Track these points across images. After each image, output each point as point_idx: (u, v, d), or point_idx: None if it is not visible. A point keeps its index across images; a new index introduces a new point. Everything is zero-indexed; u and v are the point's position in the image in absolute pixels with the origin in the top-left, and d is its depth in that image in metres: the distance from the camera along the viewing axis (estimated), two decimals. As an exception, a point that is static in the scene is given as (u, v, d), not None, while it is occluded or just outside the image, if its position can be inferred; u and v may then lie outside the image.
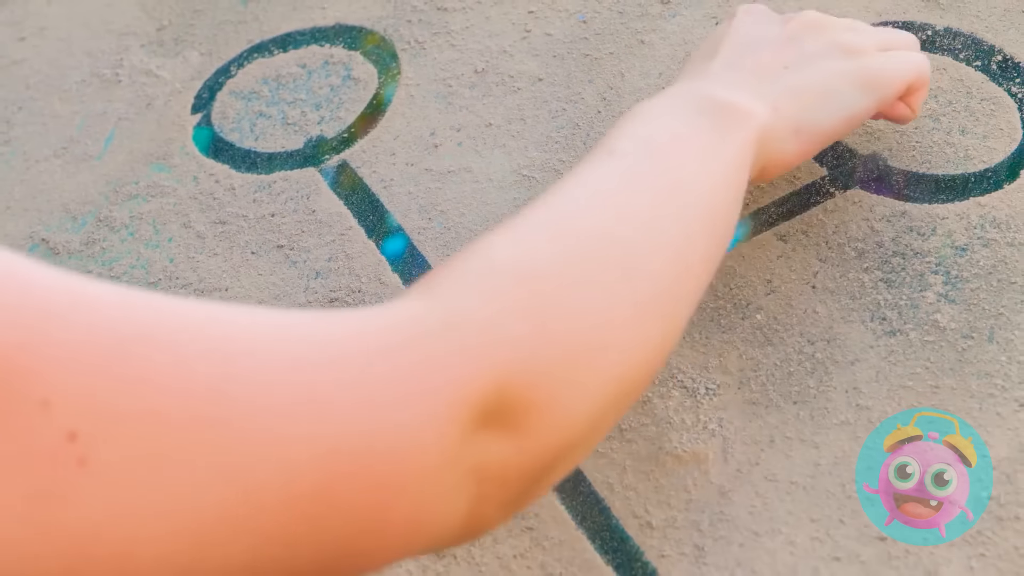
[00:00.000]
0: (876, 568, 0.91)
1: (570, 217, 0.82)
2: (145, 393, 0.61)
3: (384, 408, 0.67)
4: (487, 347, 0.72)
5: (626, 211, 0.83)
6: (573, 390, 0.76)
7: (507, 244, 0.79)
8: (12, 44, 1.44)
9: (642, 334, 0.81)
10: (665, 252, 0.83)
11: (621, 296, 0.79)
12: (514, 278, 0.76)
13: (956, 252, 1.04)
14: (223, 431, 0.63)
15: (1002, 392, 0.97)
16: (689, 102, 0.93)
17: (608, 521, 0.97)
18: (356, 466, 0.66)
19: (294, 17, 1.36)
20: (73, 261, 1.23)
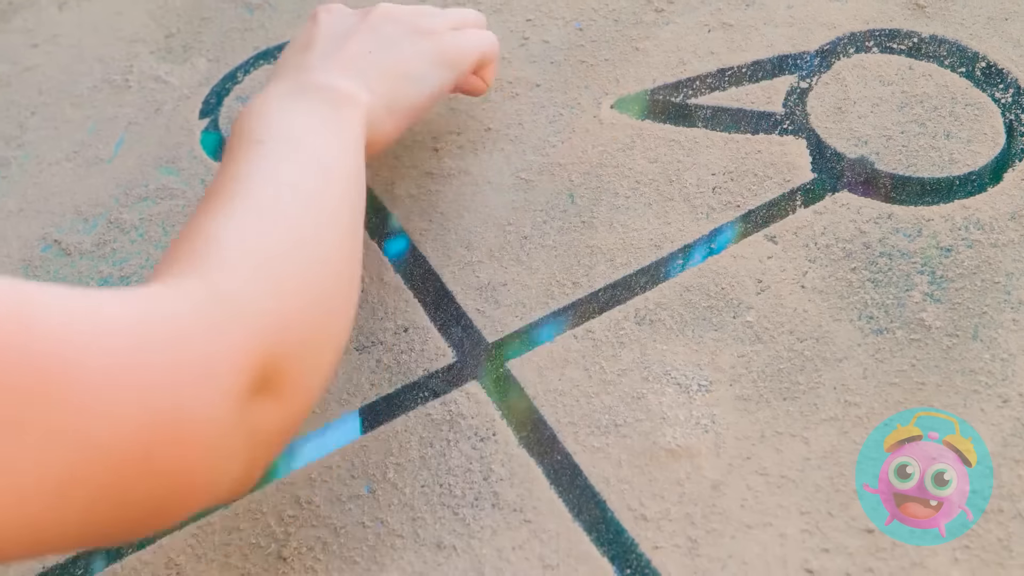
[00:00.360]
0: (864, 559, 0.91)
1: (267, 204, 0.89)
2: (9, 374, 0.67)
3: (187, 376, 0.75)
4: (256, 327, 0.80)
5: (299, 195, 0.91)
6: (314, 356, 0.87)
7: (236, 229, 0.86)
8: (25, 51, 1.44)
9: (348, 300, 0.93)
10: (339, 227, 0.93)
11: (319, 265, 0.89)
12: (259, 260, 0.85)
13: (941, 253, 1.04)
14: (69, 398, 0.69)
15: (986, 388, 0.96)
16: (305, 92, 1.00)
17: (604, 514, 0.97)
18: (170, 430, 0.74)
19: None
20: (85, 262, 1.22)
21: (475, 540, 0.97)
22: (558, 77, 1.24)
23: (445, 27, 1.12)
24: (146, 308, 0.77)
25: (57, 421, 0.68)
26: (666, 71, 1.22)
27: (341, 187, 0.95)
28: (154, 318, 0.76)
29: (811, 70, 1.18)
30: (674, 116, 1.18)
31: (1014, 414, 0.95)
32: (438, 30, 1.11)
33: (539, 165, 1.18)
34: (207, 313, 0.78)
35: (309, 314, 0.86)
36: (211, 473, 0.78)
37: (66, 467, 0.68)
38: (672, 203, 1.12)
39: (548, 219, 1.14)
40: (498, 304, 1.10)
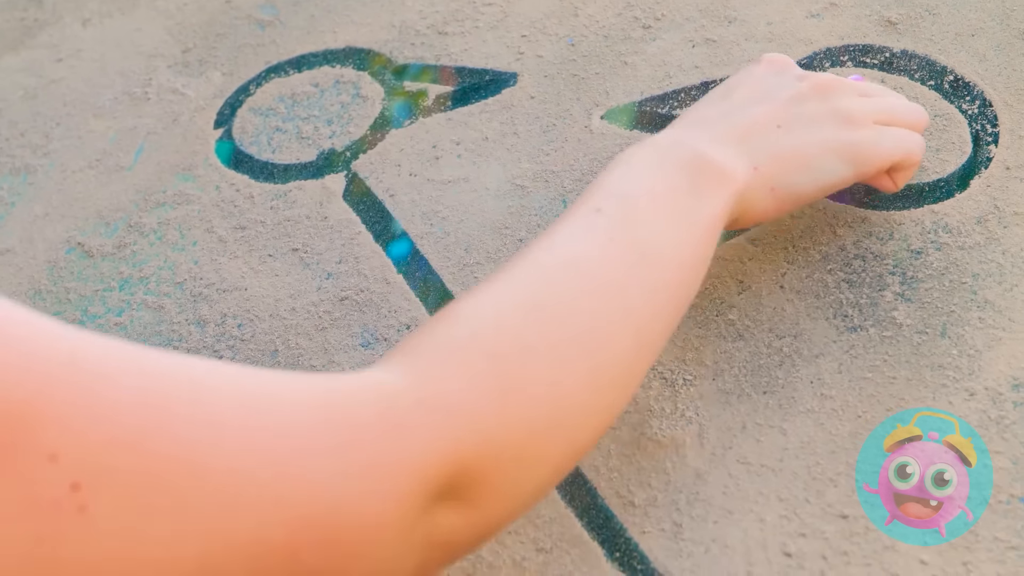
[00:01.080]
0: (838, 543, 0.91)
1: (541, 285, 0.79)
2: (139, 453, 0.61)
3: (352, 479, 0.67)
4: (452, 427, 0.70)
5: (596, 283, 0.80)
6: (526, 468, 0.74)
7: (477, 319, 0.76)
8: (50, 65, 1.44)
9: (595, 408, 0.79)
10: (629, 327, 0.80)
11: (581, 373, 0.77)
12: (484, 354, 0.73)
13: (912, 255, 1.04)
14: (205, 491, 0.62)
15: (954, 383, 0.96)
16: (675, 156, 0.89)
17: (594, 500, 0.97)
18: (322, 532, 0.66)
19: (308, 40, 1.36)
20: (106, 263, 1.22)
21: (473, 525, 0.97)
22: (551, 89, 1.24)
23: (871, 118, 0.98)
24: (326, 400, 0.68)
25: (201, 508, 0.62)
26: (653, 84, 1.21)
27: (660, 280, 0.83)
28: (333, 411, 0.68)
29: (789, 83, 1.18)
30: (661, 126, 1.18)
31: (980, 407, 0.95)
32: (861, 121, 0.97)
33: (533, 172, 1.18)
34: (395, 407, 0.69)
35: (542, 423, 0.74)
36: (371, 574, 0.69)
37: (204, 557, 0.62)
38: (659, 208, 1.12)
39: (542, 223, 1.14)
40: (495, 303, 1.10)
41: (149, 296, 1.18)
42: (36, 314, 0.63)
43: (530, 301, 0.77)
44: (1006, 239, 1.03)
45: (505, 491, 0.73)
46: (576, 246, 0.81)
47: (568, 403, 0.76)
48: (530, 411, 0.74)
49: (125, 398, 0.62)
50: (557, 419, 0.75)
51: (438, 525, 0.71)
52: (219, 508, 0.63)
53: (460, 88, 1.27)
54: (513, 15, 1.31)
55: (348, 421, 0.68)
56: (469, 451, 0.70)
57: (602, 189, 0.86)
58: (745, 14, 1.24)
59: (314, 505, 0.65)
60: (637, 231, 0.83)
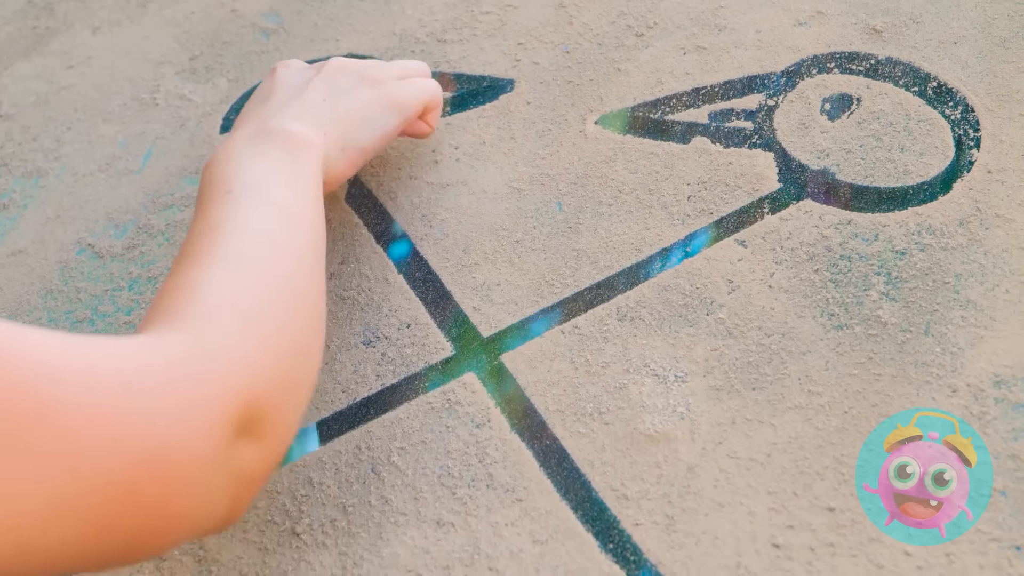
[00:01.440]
0: (825, 535, 0.91)
1: (242, 255, 0.89)
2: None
3: (171, 424, 0.75)
4: (235, 372, 0.81)
5: (266, 242, 0.92)
6: (293, 399, 0.87)
7: (217, 284, 0.86)
8: (62, 72, 1.44)
9: (318, 335, 0.92)
10: (306, 267, 0.93)
11: (301, 308, 0.90)
12: (239, 312, 0.85)
13: (896, 256, 1.04)
14: (52, 433, 0.69)
15: (937, 380, 0.96)
16: (266, 138, 1.01)
17: (589, 494, 0.97)
18: (156, 466, 0.74)
19: (311, 48, 1.36)
20: (116, 264, 1.22)
21: (472, 517, 0.97)
22: (547, 95, 1.24)
23: (392, 77, 1.13)
24: (136, 354, 0.77)
25: (50, 449, 0.68)
26: (645, 90, 1.21)
27: (305, 229, 0.95)
28: (142, 363, 0.77)
29: (778, 89, 1.18)
30: (653, 131, 1.18)
31: (962, 403, 0.95)
32: (385, 80, 1.12)
33: (529, 176, 1.18)
34: (190, 361, 0.79)
35: (286, 356, 0.87)
36: (194, 508, 0.79)
37: (57, 493, 0.69)
38: (651, 210, 1.12)
39: (538, 225, 1.14)
40: (492, 302, 1.10)
41: (157, 296, 1.18)
42: None
43: (245, 270, 0.89)
44: (988, 240, 1.03)
45: (283, 421, 0.85)
46: (239, 222, 0.92)
47: (294, 334, 0.88)
48: (278, 347, 0.86)
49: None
50: (296, 347, 0.88)
51: (242, 459, 0.81)
52: (67, 446, 0.69)
53: (458, 94, 1.27)
54: (510, 23, 1.31)
55: (155, 371, 0.77)
56: (253, 389, 0.81)
57: (226, 178, 0.97)
58: (735, 22, 1.24)
59: (147, 442, 0.74)
60: (274, 198, 0.95)
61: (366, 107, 1.09)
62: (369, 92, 1.10)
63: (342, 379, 1.08)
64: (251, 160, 0.98)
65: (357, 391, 1.07)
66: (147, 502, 0.75)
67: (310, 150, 1.01)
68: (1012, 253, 1.02)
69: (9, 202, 1.31)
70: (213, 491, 0.80)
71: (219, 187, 0.95)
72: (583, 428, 1.00)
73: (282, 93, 1.08)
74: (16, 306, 1.21)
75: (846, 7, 1.22)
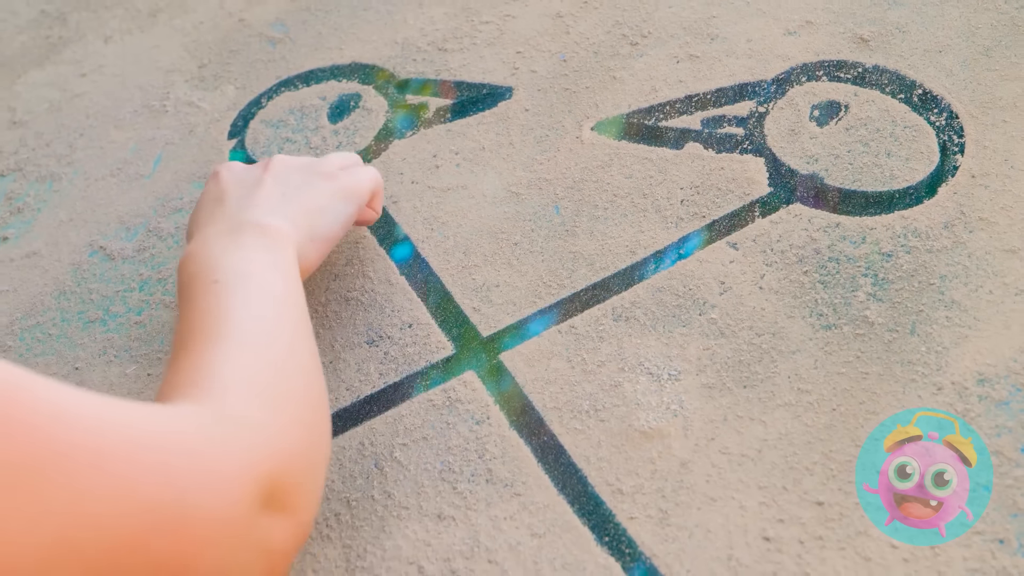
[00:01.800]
0: (814, 528, 0.90)
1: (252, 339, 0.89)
2: (5, 446, 0.66)
3: (193, 486, 0.74)
4: (261, 449, 0.80)
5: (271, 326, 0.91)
6: (314, 470, 0.86)
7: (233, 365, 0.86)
8: (74, 80, 1.44)
9: (325, 412, 0.92)
10: (304, 345, 0.93)
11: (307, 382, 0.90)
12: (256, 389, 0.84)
13: (883, 258, 1.04)
14: (64, 478, 0.68)
15: (923, 378, 0.96)
16: (241, 231, 0.99)
17: (585, 488, 0.97)
18: (169, 522, 0.72)
19: (316, 56, 1.36)
20: (127, 265, 1.22)
21: (472, 511, 0.97)
22: (544, 103, 1.24)
23: (336, 168, 1.11)
24: (161, 418, 0.77)
25: (54, 494, 0.67)
26: (640, 97, 1.21)
27: (297, 312, 0.95)
28: (167, 427, 0.76)
29: (768, 96, 1.18)
30: (647, 137, 1.18)
31: (947, 400, 0.95)
32: (333, 172, 1.10)
33: (528, 180, 1.18)
34: (214, 431, 0.78)
35: (304, 429, 0.86)
36: (220, 571, 0.77)
37: (60, 538, 0.68)
38: (645, 214, 1.12)
39: (536, 228, 1.14)
40: (492, 303, 1.10)
41: (167, 296, 1.18)
42: None
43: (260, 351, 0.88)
44: (972, 243, 1.03)
45: (307, 492, 0.84)
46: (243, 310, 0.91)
47: (307, 406, 0.88)
48: (297, 426, 0.85)
49: None
50: (310, 419, 0.88)
51: (271, 533, 0.79)
52: (77, 494, 0.68)
53: (459, 101, 1.27)
54: (508, 33, 1.30)
55: (182, 436, 0.76)
56: (277, 463, 0.80)
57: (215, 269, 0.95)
58: (726, 32, 1.24)
59: (162, 497, 0.72)
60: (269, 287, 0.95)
61: (324, 198, 1.06)
62: (323, 184, 1.08)
63: (346, 377, 1.08)
64: (231, 251, 0.97)
65: (360, 389, 1.07)
66: (162, 560, 0.73)
67: (284, 239, 1.00)
68: (995, 255, 1.02)
69: (23, 206, 1.31)
70: (242, 564, 0.78)
71: (204, 278, 0.94)
72: (579, 425, 1.00)
73: (236, 192, 1.05)
74: (30, 306, 1.21)
75: (834, 17, 1.22)
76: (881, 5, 1.21)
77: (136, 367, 1.14)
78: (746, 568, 0.91)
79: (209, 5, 1.45)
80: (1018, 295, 0.99)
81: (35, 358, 1.17)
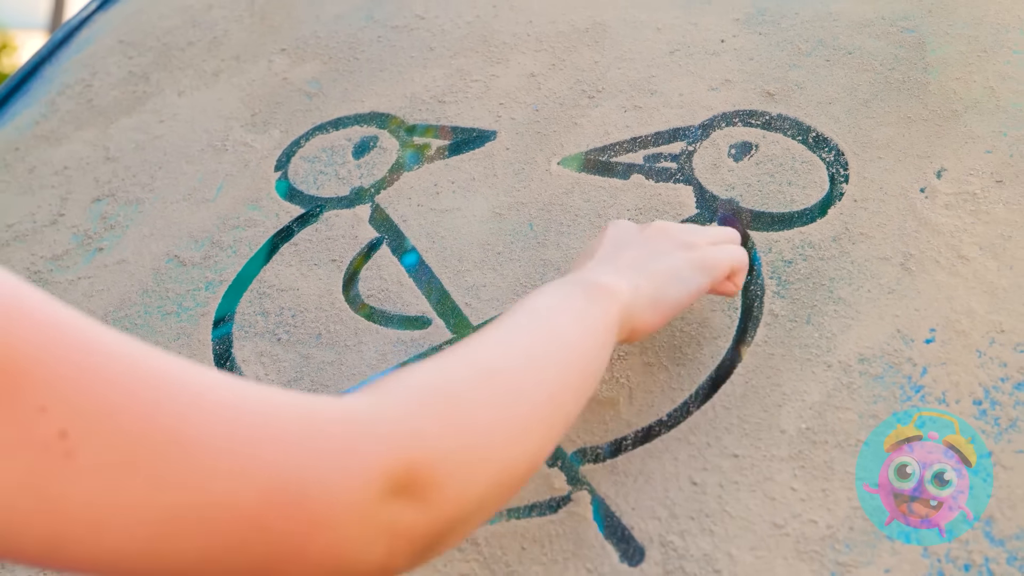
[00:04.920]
0: (732, 475, 0.91)
1: (476, 356, 0.76)
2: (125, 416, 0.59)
3: (318, 461, 0.64)
4: (401, 437, 0.68)
5: (512, 352, 0.78)
6: (464, 478, 0.70)
7: (428, 371, 0.74)
8: (155, 125, 1.43)
9: (520, 448, 0.75)
10: (542, 386, 0.78)
11: (506, 416, 0.74)
12: (429, 392, 0.71)
13: (785, 264, 1.04)
14: (182, 454, 0.60)
15: (816, 358, 0.96)
16: (571, 284, 0.87)
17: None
18: (288, 500, 0.63)
19: (343, 107, 1.35)
20: (195, 270, 1.22)
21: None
22: (521, 143, 1.23)
23: (705, 241, 0.97)
24: (305, 405, 0.66)
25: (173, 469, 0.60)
26: (596, 139, 1.21)
27: (571, 358, 0.80)
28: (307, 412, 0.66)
29: (696, 138, 1.18)
30: (601, 170, 1.18)
31: (835, 376, 0.95)
32: (700, 244, 0.96)
33: (508, 204, 1.17)
34: (359, 417, 0.67)
35: (476, 450, 0.72)
36: (334, 550, 0.65)
37: (177, 507, 0.60)
38: (599, 230, 1.12)
39: (515, 241, 1.13)
40: (480, 299, 1.10)
41: (226, 294, 1.18)
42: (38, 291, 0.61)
43: (467, 364, 0.75)
44: (855, 252, 1.03)
45: (449, 494, 0.69)
46: (499, 334, 0.80)
47: (496, 440, 0.73)
48: (466, 439, 0.71)
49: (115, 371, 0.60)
50: (488, 449, 0.73)
51: (398, 516, 0.67)
52: (194, 469, 0.60)
53: (454, 142, 1.26)
54: (493, 89, 1.30)
55: (318, 421, 0.65)
56: (416, 457, 0.67)
57: (515, 307, 0.83)
58: (663, 88, 1.24)
59: (282, 477, 0.63)
60: (542, 322, 0.82)
61: (679, 267, 0.93)
62: (683, 254, 0.94)
63: (368, 358, 1.08)
64: (546, 296, 0.85)
65: (378, 367, 1.07)
66: (278, 534, 0.63)
67: (611, 298, 0.86)
68: (872, 262, 1.02)
69: (115, 223, 1.31)
70: (360, 540, 0.66)
71: (505, 315, 0.83)
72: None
73: (605, 250, 0.94)
74: (120, 302, 1.21)
75: (747, 76, 1.22)
76: (783, 67, 1.21)
77: (204, 348, 1.14)
78: (678, 505, 0.90)
79: (259, 67, 1.45)
80: (890, 293, 0.99)
81: (123, 343, 1.16)
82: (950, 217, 1.03)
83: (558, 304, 0.84)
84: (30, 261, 1.29)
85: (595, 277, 0.88)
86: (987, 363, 0.93)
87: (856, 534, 0.86)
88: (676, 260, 0.93)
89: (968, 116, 1.10)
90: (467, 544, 0.92)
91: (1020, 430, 0.89)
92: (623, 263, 0.92)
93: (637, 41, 1.30)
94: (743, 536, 0.88)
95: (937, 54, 1.17)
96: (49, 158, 1.43)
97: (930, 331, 0.96)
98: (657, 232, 0.97)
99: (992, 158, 1.06)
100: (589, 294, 0.85)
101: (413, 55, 1.38)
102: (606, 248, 0.94)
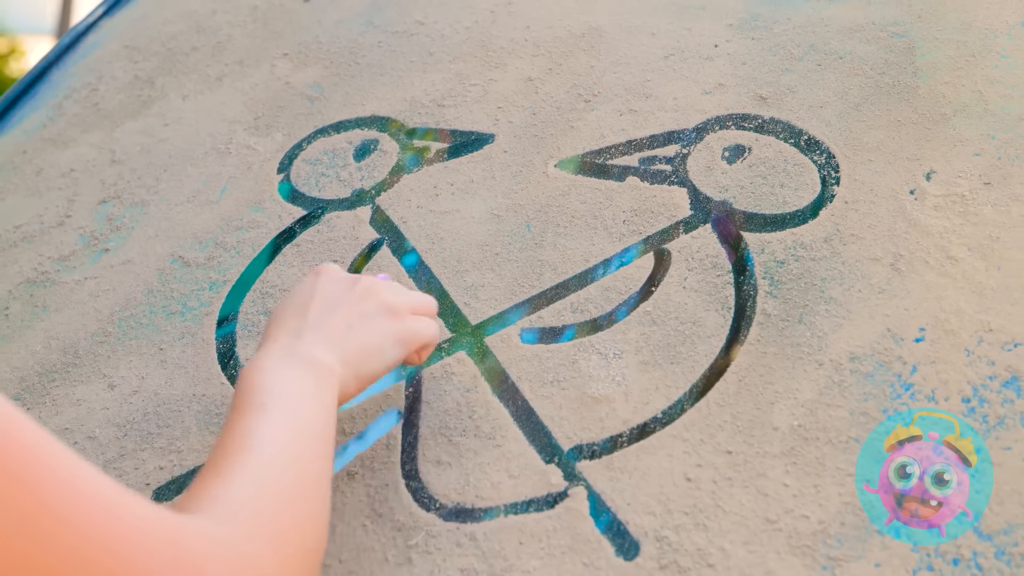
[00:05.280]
0: (725, 471, 0.90)
1: (272, 470, 0.81)
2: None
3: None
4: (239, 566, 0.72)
5: (298, 459, 0.83)
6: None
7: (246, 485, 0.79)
8: (160, 128, 1.43)
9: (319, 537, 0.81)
10: (320, 480, 0.83)
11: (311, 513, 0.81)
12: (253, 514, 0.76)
13: (777, 264, 1.03)
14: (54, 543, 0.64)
15: (807, 356, 0.96)
16: (297, 362, 0.89)
17: (550, 441, 0.96)
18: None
19: (344, 111, 1.35)
20: (199, 271, 1.21)
21: (463, 459, 0.97)
22: (519, 146, 1.23)
23: (408, 309, 0.98)
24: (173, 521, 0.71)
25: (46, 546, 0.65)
26: (592, 142, 1.21)
27: (323, 447, 0.86)
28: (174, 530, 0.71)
29: (690, 141, 1.17)
30: (597, 172, 1.17)
31: (826, 374, 0.94)
32: (403, 313, 0.97)
33: (506, 205, 1.17)
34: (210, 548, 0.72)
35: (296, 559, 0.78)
36: None
37: None
38: (596, 231, 1.11)
39: (512, 241, 1.13)
40: (479, 299, 1.09)
41: (230, 294, 1.18)
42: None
43: (265, 478, 0.80)
44: (845, 253, 1.02)
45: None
46: (272, 435, 0.83)
47: (305, 539, 0.79)
48: (286, 550, 0.77)
49: None
50: (302, 552, 0.78)
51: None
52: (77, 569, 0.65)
53: (453, 145, 1.26)
54: (491, 92, 1.30)
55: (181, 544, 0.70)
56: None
57: (259, 390, 0.86)
58: (658, 92, 1.23)
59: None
60: (302, 418, 0.86)
61: (382, 339, 0.95)
62: (388, 324, 0.96)
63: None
64: (284, 379, 0.88)
65: (378, 365, 1.06)
66: None
67: (331, 378, 0.90)
68: (863, 263, 1.01)
69: (121, 225, 1.30)
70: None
71: (255, 398, 0.86)
72: (546, 392, 1.00)
73: (317, 310, 0.95)
74: (126, 301, 1.20)
75: (740, 81, 1.21)
76: (776, 71, 1.20)
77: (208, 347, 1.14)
78: (672, 501, 0.90)
79: (262, 72, 1.44)
80: (880, 293, 0.99)
81: (129, 341, 1.16)
82: (939, 218, 1.03)
83: (302, 392, 0.88)
84: (37, 261, 1.29)
85: (314, 353, 0.91)
86: (975, 362, 0.93)
87: (847, 529, 0.86)
88: (380, 332, 0.95)
89: (957, 119, 1.10)
90: (466, 540, 0.92)
91: (1008, 427, 0.88)
92: (334, 330, 0.93)
93: (632, 46, 1.29)
94: (736, 531, 0.88)
95: (926, 59, 1.17)
96: (56, 161, 1.43)
97: (920, 330, 0.96)
98: (366, 293, 0.97)
99: (980, 160, 1.06)
100: (315, 374, 0.89)
101: (413, 60, 1.37)
102: (319, 307, 0.95)
